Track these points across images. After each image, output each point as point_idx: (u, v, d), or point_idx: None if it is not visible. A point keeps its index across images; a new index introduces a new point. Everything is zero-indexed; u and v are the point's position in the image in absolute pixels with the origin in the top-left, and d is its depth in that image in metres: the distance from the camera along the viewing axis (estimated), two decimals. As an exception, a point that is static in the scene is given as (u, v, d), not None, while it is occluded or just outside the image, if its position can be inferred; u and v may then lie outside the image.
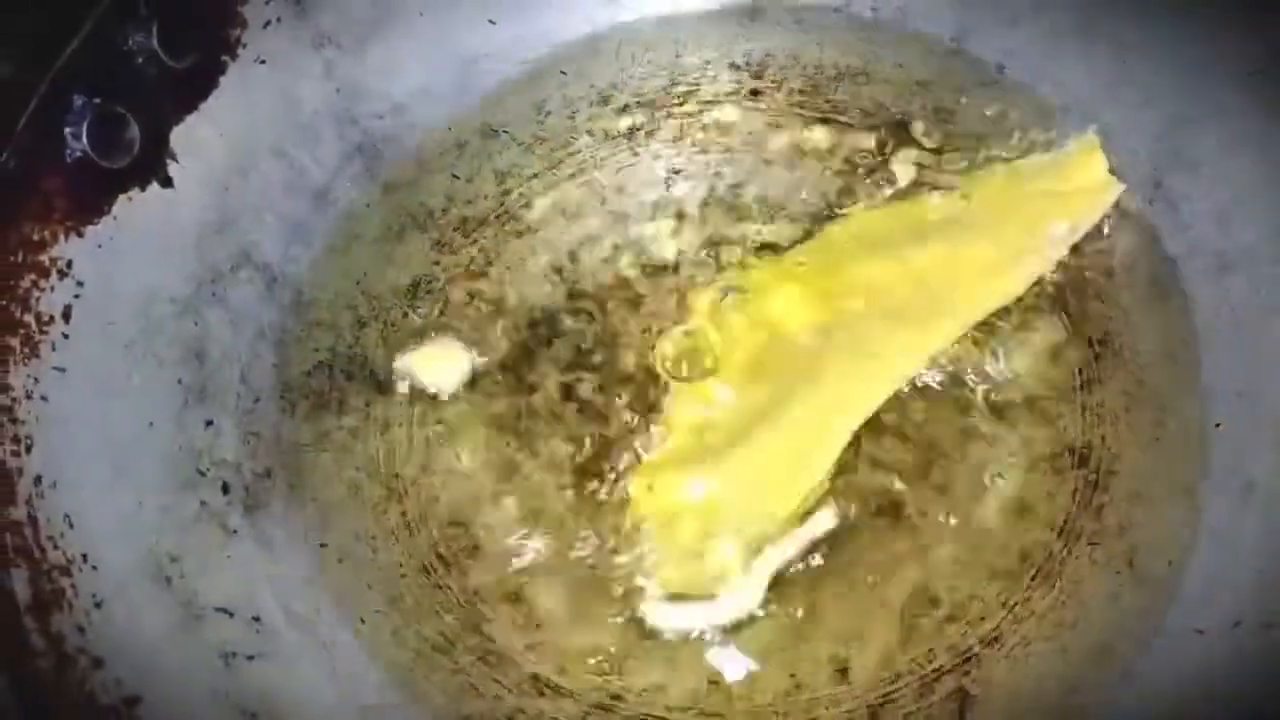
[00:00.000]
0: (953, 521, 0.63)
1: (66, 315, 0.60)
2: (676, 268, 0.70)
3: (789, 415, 0.63)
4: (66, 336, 0.59)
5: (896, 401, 0.65)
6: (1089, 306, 0.67)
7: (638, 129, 0.76)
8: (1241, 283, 0.66)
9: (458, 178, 0.75)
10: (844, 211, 0.71)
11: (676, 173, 0.74)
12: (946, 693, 0.60)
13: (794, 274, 0.69)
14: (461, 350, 0.69)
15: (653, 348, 0.68)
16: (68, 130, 0.61)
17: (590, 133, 0.76)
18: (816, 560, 0.62)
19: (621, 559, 0.63)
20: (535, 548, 0.63)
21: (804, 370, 0.65)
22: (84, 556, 0.55)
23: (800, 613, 0.61)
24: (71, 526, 0.55)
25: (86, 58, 0.61)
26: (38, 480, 0.55)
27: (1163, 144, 0.70)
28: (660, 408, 0.66)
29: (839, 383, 0.64)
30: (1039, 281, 0.68)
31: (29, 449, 0.56)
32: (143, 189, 0.64)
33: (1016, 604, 0.61)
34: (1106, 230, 0.69)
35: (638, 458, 0.65)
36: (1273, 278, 0.65)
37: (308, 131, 0.73)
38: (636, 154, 0.75)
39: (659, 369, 0.67)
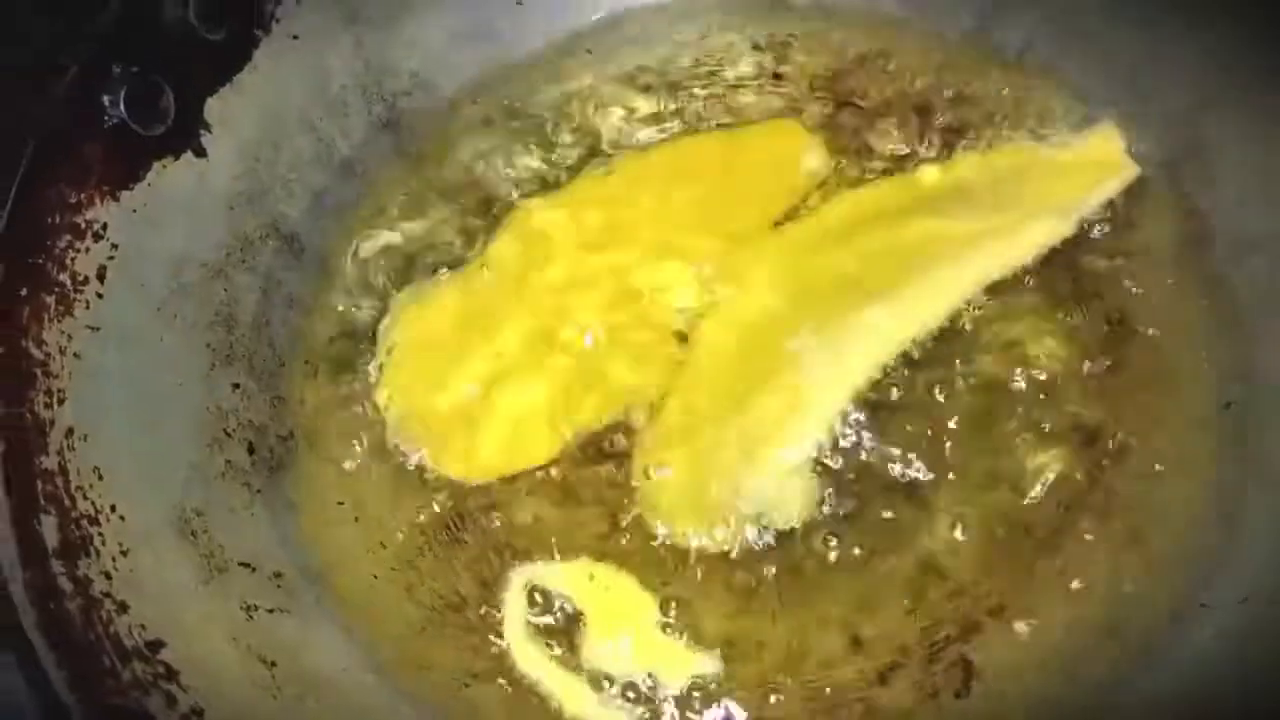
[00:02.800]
0: (961, 496, 0.63)
1: (101, 276, 0.62)
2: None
3: (765, 397, 0.64)
4: (100, 296, 0.61)
5: (907, 378, 0.66)
6: (1104, 287, 0.68)
7: (661, 113, 0.77)
8: (1261, 265, 0.66)
9: (482, 154, 0.76)
10: (854, 190, 0.71)
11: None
12: (951, 661, 0.60)
13: (789, 250, 0.70)
14: None
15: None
16: (105, 98, 0.62)
17: (615, 110, 0.77)
18: (830, 533, 0.63)
19: (630, 518, 0.64)
20: (550, 509, 0.65)
21: (783, 352, 0.66)
22: (112, 508, 0.57)
23: (811, 581, 0.62)
24: (101, 478, 0.57)
25: (124, 27, 0.63)
26: (69, 433, 0.57)
27: (1184, 127, 0.70)
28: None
29: (816, 362, 0.65)
30: (1054, 261, 0.68)
31: (61, 402, 0.57)
32: (177, 158, 0.66)
33: (1022, 577, 0.61)
34: (1125, 211, 0.69)
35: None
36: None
37: (336, 105, 0.75)
38: (660, 133, 0.76)
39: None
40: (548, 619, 0.62)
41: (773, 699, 0.60)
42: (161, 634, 0.54)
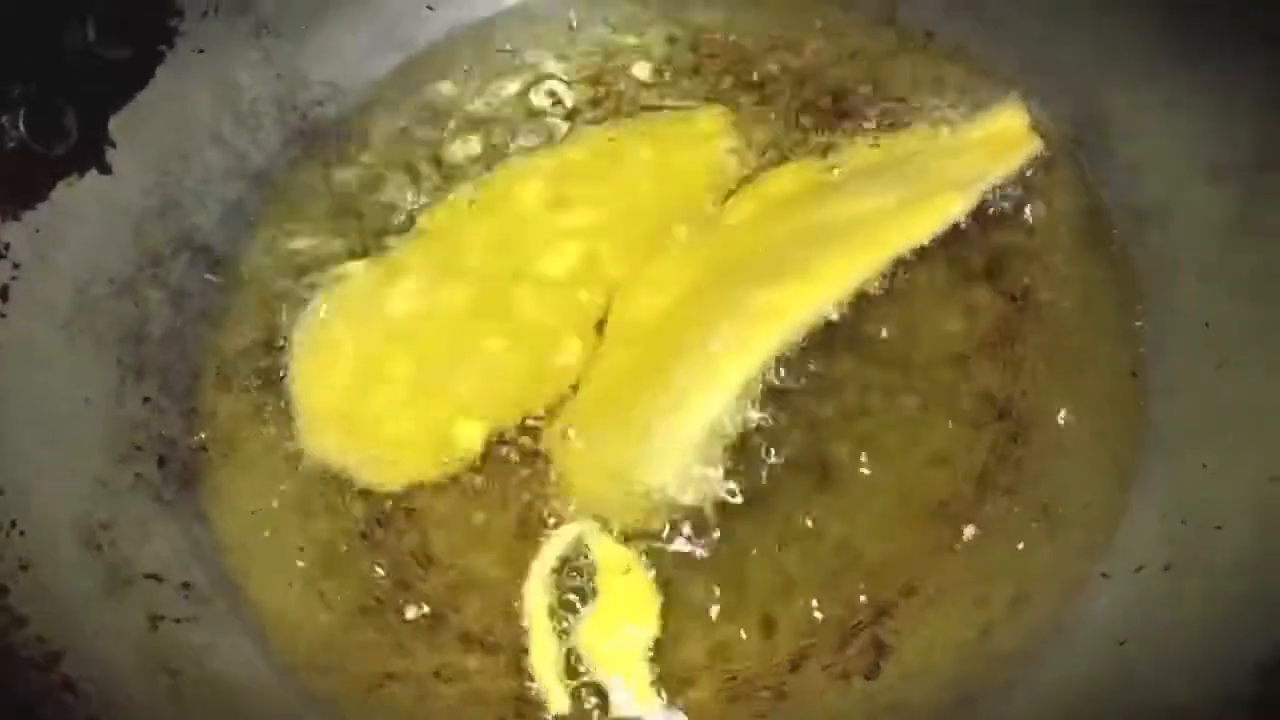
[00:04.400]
0: (875, 476, 0.64)
1: (3, 295, 0.62)
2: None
3: (669, 379, 0.64)
4: (3, 315, 0.62)
5: (822, 358, 0.66)
6: (1010, 263, 0.68)
7: (578, 109, 0.77)
8: (1157, 237, 0.67)
9: (398, 159, 0.76)
10: (765, 175, 0.72)
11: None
12: (864, 644, 0.60)
13: (699, 236, 0.70)
14: None
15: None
16: (4, 118, 0.63)
17: (532, 106, 0.77)
18: (742, 517, 0.63)
19: (547, 509, 0.64)
20: (469, 511, 0.65)
21: (688, 336, 0.65)
22: (12, 523, 0.57)
23: (726, 568, 0.62)
24: (1, 493, 0.57)
25: (23, 48, 0.63)
26: (-33, 451, 0.57)
27: (1085, 102, 0.71)
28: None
29: (719, 343, 0.64)
30: (960, 237, 0.68)
31: (-41, 421, 0.58)
32: (82, 175, 0.67)
33: (934, 554, 0.62)
34: (1029, 187, 0.69)
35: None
36: (1184, 229, 0.65)
37: (248, 117, 0.75)
38: (577, 129, 0.76)
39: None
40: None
41: (686, 690, 0.60)
42: (60, 646, 0.54)
